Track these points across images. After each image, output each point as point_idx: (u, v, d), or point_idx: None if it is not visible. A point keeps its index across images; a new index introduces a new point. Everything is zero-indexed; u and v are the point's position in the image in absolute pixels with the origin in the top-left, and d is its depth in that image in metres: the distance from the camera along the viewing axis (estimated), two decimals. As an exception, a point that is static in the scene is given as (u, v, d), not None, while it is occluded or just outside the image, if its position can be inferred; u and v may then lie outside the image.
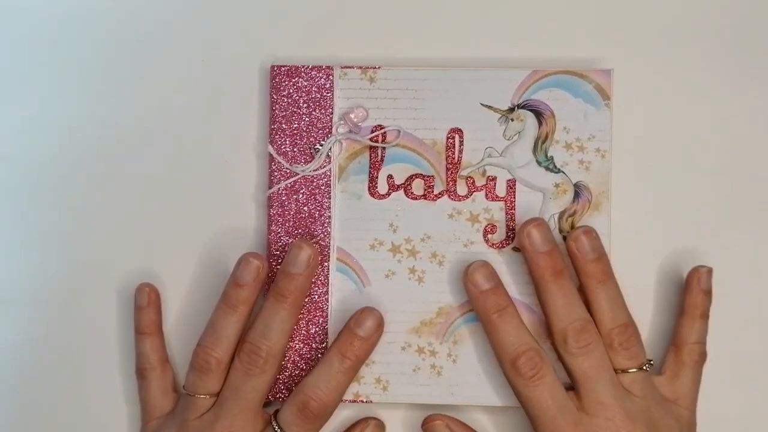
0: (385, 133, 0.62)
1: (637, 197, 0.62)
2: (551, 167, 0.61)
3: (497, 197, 0.61)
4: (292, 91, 0.62)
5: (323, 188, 0.62)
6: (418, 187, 0.62)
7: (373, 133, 0.61)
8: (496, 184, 0.61)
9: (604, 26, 0.63)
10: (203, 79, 0.64)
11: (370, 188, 0.62)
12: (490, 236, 0.61)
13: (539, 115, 0.61)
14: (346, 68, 0.62)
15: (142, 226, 0.64)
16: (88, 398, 0.64)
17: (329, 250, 0.61)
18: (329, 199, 0.62)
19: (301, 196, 0.62)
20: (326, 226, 0.62)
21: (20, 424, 0.64)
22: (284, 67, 0.62)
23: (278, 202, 0.62)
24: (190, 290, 0.63)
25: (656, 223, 0.62)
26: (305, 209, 0.62)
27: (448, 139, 0.61)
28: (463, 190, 0.61)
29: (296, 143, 0.62)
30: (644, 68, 0.63)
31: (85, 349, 0.64)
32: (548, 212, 0.61)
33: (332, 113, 0.62)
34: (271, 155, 0.62)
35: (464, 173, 0.61)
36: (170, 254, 0.63)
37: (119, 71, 0.64)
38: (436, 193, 0.61)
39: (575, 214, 0.61)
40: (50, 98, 0.64)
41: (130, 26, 0.64)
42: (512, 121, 0.61)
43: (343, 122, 0.62)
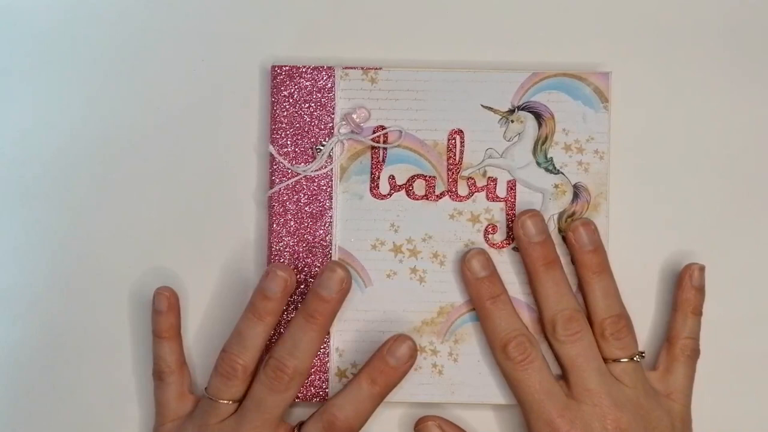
0: (386, 133, 0.62)
1: (635, 198, 0.63)
2: (551, 168, 0.62)
3: (498, 198, 0.62)
4: (293, 91, 0.62)
5: (325, 188, 0.62)
6: (419, 187, 0.62)
7: (374, 133, 0.62)
8: (496, 184, 0.62)
9: (603, 30, 0.64)
10: (204, 79, 0.64)
11: (371, 188, 0.62)
12: (490, 236, 0.62)
13: (539, 116, 0.62)
14: (347, 69, 0.62)
15: (141, 226, 0.63)
16: (95, 399, 0.63)
17: (330, 250, 0.62)
18: (331, 199, 0.62)
19: (302, 196, 0.62)
20: (328, 226, 0.62)
21: (25, 424, 0.63)
22: (285, 67, 0.62)
23: (279, 202, 0.62)
24: (189, 290, 0.63)
25: (654, 223, 0.63)
26: (306, 209, 0.62)
27: (449, 140, 0.62)
28: (464, 190, 0.62)
29: (297, 143, 0.62)
30: (642, 71, 0.64)
31: (85, 349, 0.63)
32: (548, 213, 0.61)
33: (333, 114, 0.62)
34: (272, 155, 0.62)
35: (465, 174, 0.62)
36: (170, 254, 0.63)
37: (119, 71, 0.64)
38: (437, 193, 0.62)
39: (574, 214, 0.61)
40: (50, 99, 0.64)
41: (130, 26, 0.64)
42: (512, 122, 0.62)
43: (344, 122, 0.62)
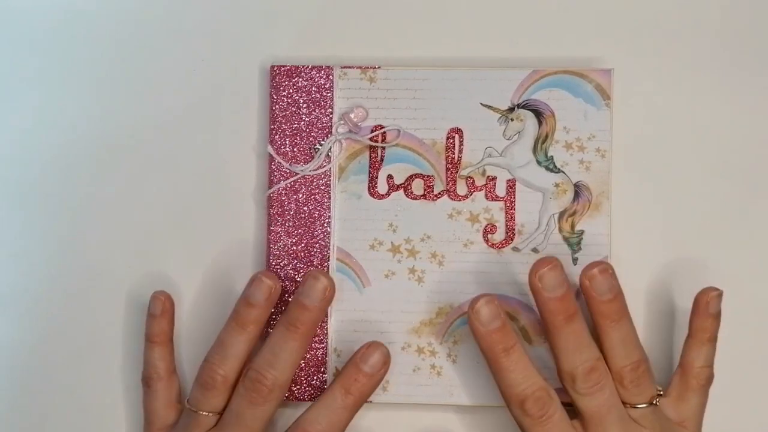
0: (384, 133, 0.61)
1: (637, 197, 0.62)
2: (551, 167, 0.61)
3: (497, 197, 0.61)
4: (291, 91, 0.62)
5: (323, 188, 0.62)
6: (417, 187, 0.61)
7: (372, 132, 0.61)
8: (495, 184, 0.61)
9: (604, 26, 0.63)
10: (203, 79, 0.64)
11: (369, 188, 0.62)
12: (489, 236, 0.61)
13: (539, 114, 0.61)
14: (345, 68, 0.62)
15: (141, 226, 0.64)
16: (89, 402, 0.64)
17: (329, 250, 0.61)
18: (329, 199, 0.62)
19: (300, 196, 0.62)
20: (326, 226, 0.61)
21: (21, 426, 0.64)
22: (284, 67, 0.62)
23: (278, 202, 0.62)
24: (188, 291, 0.63)
25: (656, 222, 0.62)
26: (305, 209, 0.62)
27: (447, 138, 0.61)
28: (462, 190, 0.61)
29: (296, 143, 0.62)
30: (644, 68, 0.63)
31: (84, 350, 0.64)
32: (548, 212, 0.61)
33: (332, 113, 0.62)
34: (270, 155, 0.62)
35: (464, 173, 0.61)
36: (169, 254, 0.63)
37: (119, 71, 0.64)
38: (435, 193, 0.61)
39: (575, 213, 0.61)
40: (50, 99, 0.64)
41: (129, 26, 0.64)
42: (512, 120, 0.61)
43: (342, 122, 0.61)
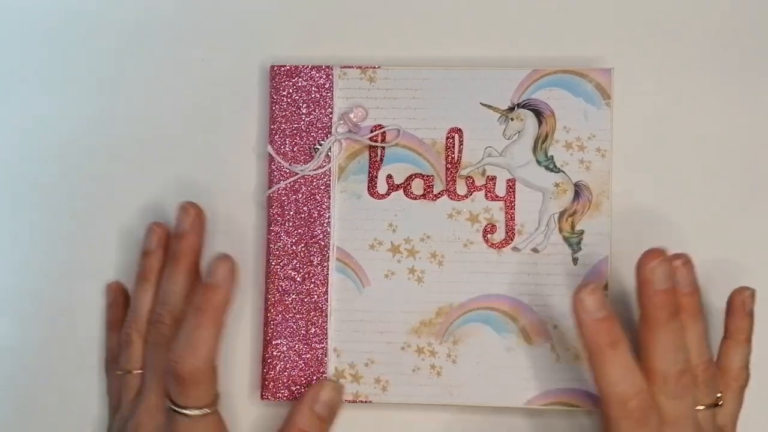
0: (384, 132, 0.61)
1: (637, 197, 0.62)
2: (551, 167, 0.61)
3: (497, 197, 0.61)
4: (291, 91, 0.62)
5: (323, 188, 0.62)
6: (417, 186, 0.61)
7: (372, 132, 0.61)
8: (495, 183, 0.61)
9: (604, 25, 0.63)
10: (203, 79, 0.64)
11: (369, 188, 0.61)
12: (489, 236, 0.61)
13: (539, 114, 0.61)
14: (345, 68, 0.62)
15: (141, 226, 0.63)
16: (89, 402, 0.64)
17: (329, 250, 0.61)
18: (329, 199, 0.61)
19: (300, 196, 0.62)
20: (326, 226, 0.61)
21: (18, 424, 0.64)
22: (284, 67, 0.62)
23: (278, 202, 0.62)
24: (189, 290, 0.63)
25: (656, 222, 0.62)
26: (305, 209, 0.62)
27: (447, 138, 0.61)
28: (462, 189, 0.61)
29: (296, 143, 0.62)
30: (645, 67, 0.62)
31: (83, 352, 0.64)
32: (548, 212, 0.61)
33: (332, 113, 0.62)
34: (270, 155, 0.62)
35: (464, 173, 0.61)
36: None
37: (119, 72, 0.64)
38: (435, 192, 0.61)
39: (575, 213, 0.60)
40: (50, 99, 0.65)
41: (130, 26, 0.65)
42: (512, 120, 0.61)
43: (342, 122, 0.61)
